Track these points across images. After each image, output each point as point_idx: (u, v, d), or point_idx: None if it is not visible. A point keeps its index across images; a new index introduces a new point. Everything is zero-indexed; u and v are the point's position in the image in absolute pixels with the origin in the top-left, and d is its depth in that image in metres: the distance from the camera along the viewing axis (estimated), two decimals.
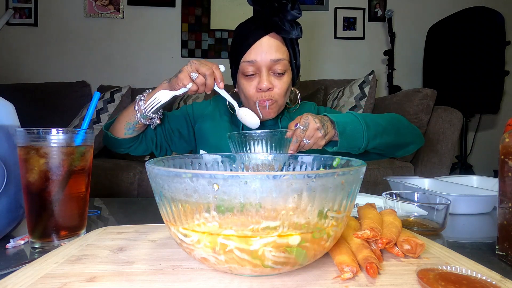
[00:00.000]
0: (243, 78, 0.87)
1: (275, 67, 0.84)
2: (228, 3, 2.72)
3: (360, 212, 0.47)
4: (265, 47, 0.82)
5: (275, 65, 0.83)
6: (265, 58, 0.82)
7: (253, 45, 0.83)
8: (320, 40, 2.80)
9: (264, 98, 0.84)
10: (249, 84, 0.85)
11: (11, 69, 2.63)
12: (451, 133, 1.77)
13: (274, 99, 0.85)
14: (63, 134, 0.47)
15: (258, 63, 0.83)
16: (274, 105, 0.86)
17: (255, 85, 0.85)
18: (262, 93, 0.84)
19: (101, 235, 0.47)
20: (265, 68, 0.83)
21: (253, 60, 0.83)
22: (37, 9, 2.65)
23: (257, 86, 0.84)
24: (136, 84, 2.53)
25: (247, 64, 0.84)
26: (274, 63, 0.83)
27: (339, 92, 2.07)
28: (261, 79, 0.83)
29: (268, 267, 0.31)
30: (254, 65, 0.83)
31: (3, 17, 2.40)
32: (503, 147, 0.44)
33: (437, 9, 2.73)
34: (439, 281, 0.30)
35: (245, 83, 0.86)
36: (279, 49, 0.83)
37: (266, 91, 0.84)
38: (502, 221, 0.44)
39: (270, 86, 0.83)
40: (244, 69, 0.85)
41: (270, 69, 0.84)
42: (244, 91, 0.87)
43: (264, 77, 0.83)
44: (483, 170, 2.69)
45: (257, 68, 0.84)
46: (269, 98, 0.84)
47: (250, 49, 0.83)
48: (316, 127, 0.73)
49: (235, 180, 0.28)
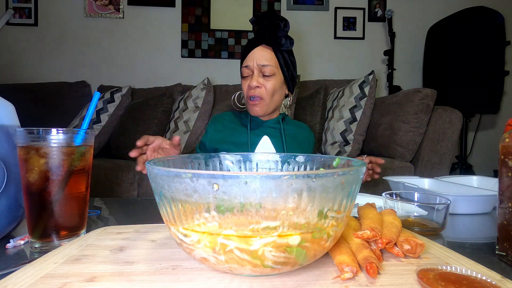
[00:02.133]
0: (242, 79, 1.10)
1: (263, 70, 1.05)
2: (228, 3, 2.72)
3: (360, 212, 0.47)
4: (257, 55, 1.06)
5: (263, 68, 1.05)
6: (256, 63, 1.05)
7: (249, 53, 1.07)
8: (320, 40, 2.80)
9: (253, 94, 1.06)
10: (244, 83, 1.09)
11: (11, 69, 2.63)
12: (451, 133, 1.77)
13: (261, 96, 1.06)
14: (63, 134, 0.47)
15: (250, 67, 1.06)
16: (261, 103, 1.07)
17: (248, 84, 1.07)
18: (252, 90, 1.06)
19: (101, 235, 0.47)
20: (256, 70, 1.06)
21: (247, 65, 1.07)
22: (37, 9, 2.65)
23: (248, 84, 1.06)
24: (136, 84, 2.54)
25: (244, 68, 1.08)
26: (262, 67, 1.05)
27: (339, 92, 2.07)
28: (251, 79, 1.06)
29: (268, 267, 0.31)
30: (248, 69, 1.07)
31: (3, 17, 2.40)
32: (503, 147, 0.44)
33: (437, 9, 2.73)
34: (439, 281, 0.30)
35: (243, 82, 1.10)
36: (270, 58, 1.06)
37: (255, 88, 1.05)
38: (502, 221, 0.44)
39: (258, 85, 1.05)
40: (242, 72, 1.09)
41: (260, 71, 1.06)
42: (243, 90, 1.11)
43: (254, 77, 1.06)
44: (483, 170, 2.69)
45: (251, 71, 1.07)
46: (258, 95, 1.06)
47: (247, 57, 1.07)
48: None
49: (235, 180, 0.28)
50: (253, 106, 1.07)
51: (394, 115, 1.83)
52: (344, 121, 1.93)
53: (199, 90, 2.18)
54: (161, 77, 2.68)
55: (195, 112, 2.13)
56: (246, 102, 1.09)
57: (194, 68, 2.73)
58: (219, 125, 1.15)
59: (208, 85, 2.21)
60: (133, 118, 2.13)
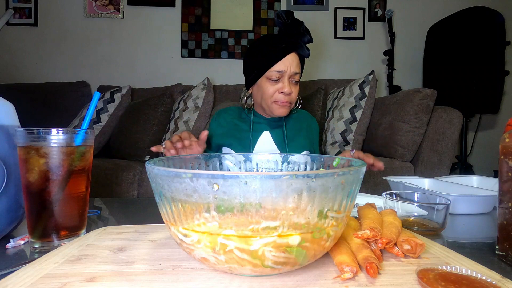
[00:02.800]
0: (267, 82, 1.10)
1: (293, 77, 1.09)
2: (228, 3, 2.72)
3: (360, 212, 0.47)
4: (291, 61, 1.07)
5: (295, 76, 1.09)
6: (290, 69, 1.08)
7: (283, 58, 1.07)
8: (320, 40, 2.80)
9: (285, 100, 1.09)
10: (272, 86, 1.09)
11: (11, 69, 2.63)
12: (451, 133, 1.77)
13: (290, 101, 1.11)
14: (63, 134, 0.47)
15: (284, 73, 1.07)
16: (289, 106, 1.12)
17: (277, 88, 1.08)
18: (283, 95, 1.08)
19: (101, 235, 0.47)
20: (287, 76, 1.08)
21: (282, 70, 1.07)
22: (37, 9, 2.65)
23: (280, 90, 1.08)
24: (136, 84, 2.53)
25: (276, 72, 1.07)
26: (294, 74, 1.09)
27: (339, 92, 2.07)
28: (284, 85, 1.08)
29: (268, 267, 0.31)
30: (280, 74, 1.07)
31: (3, 17, 2.40)
32: (503, 147, 0.44)
33: (437, 9, 2.73)
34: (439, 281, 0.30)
35: (269, 86, 1.09)
36: (298, 65, 1.10)
37: (287, 95, 1.08)
38: (502, 221, 0.44)
39: (291, 91, 1.08)
40: (272, 76, 1.08)
41: (289, 78, 1.08)
42: (266, 91, 1.10)
43: (287, 84, 1.08)
44: (483, 170, 2.69)
45: (282, 75, 1.08)
46: (288, 101, 1.10)
47: (280, 62, 1.07)
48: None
49: (235, 180, 0.28)
50: (281, 108, 1.10)
51: (394, 115, 1.83)
52: (344, 121, 1.93)
53: (199, 90, 2.18)
54: (161, 77, 2.68)
55: (195, 112, 2.13)
56: (270, 104, 1.11)
57: (194, 68, 2.73)
58: (222, 120, 1.18)
59: (208, 85, 2.21)
60: (133, 118, 2.13)
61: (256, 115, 1.18)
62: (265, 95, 1.10)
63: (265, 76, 1.09)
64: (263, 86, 1.10)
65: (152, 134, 2.07)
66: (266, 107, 1.12)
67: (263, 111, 1.17)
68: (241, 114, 1.21)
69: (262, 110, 1.16)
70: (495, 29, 2.29)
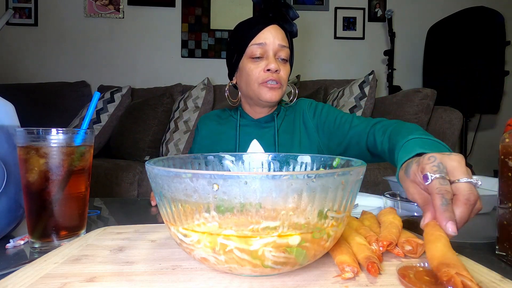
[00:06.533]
0: (250, 62, 0.92)
1: (280, 53, 0.91)
2: (228, 3, 2.72)
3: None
4: (274, 32, 0.90)
5: (281, 50, 0.91)
6: (274, 41, 0.90)
7: (263, 29, 0.90)
8: (320, 40, 2.80)
9: (273, 77, 0.89)
10: (256, 66, 0.91)
11: (11, 69, 2.63)
12: (451, 133, 1.77)
13: (279, 81, 0.91)
14: (63, 134, 0.47)
15: (267, 46, 0.90)
16: (279, 89, 0.92)
17: (262, 66, 0.90)
18: (270, 74, 0.89)
19: (101, 235, 0.47)
20: (272, 51, 0.90)
21: (262, 42, 0.89)
22: (37, 9, 2.65)
23: (265, 67, 0.89)
24: (136, 84, 2.53)
25: (257, 46, 0.90)
26: (280, 48, 0.90)
27: (339, 92, 2.07)
28: (269, 60, 0.89)
29: (268, 267, 0.30)
30: (263, 48, 0.90)
31: (3, 17, 2.40)
32: (503, 147, 0.44)
33: (437, 9, 2.73)
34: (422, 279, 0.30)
35: (252, 66, 0.91)
36: (284, 38, 0.92)
37: (274, 72, 0.89)
38: (502, 221, 0.44)
39: (278, 68, 0.89)
40: (253, 52, 0.90)
41: (275, 54, 0.91)
42: (251, 73, 0.91)
43: (273, 59, 0.89)
44: (483, 170, 2.69)
45: (265, 51, 0.90)
46: (276, 79, 0.90)
47: (260, 33, 0.90)
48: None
49: (235, 180, 0.28)
50: (270, 90, 0.90)
51: (394, 115, 1.83)
52: None
53: (199, 90, 2.18)
54: (161, 77, 2.68)
55: (195, 112, 2.13)
56: (257, 87, 0.91)
57: (194, 68, 2.73)
58: (205, 130, 1.04)
59: (208, 85, 2.21)
60: (133, 118, 2.13)
61: (243, 115, 1.01)
62: (250, 77, 0.91)
63: (247, 56, 0.92)
64: (246, 68, 0.92)
65: (152, 134, 2.07)
66: (253, 94, 0.92)
67: (251, 108, 0.99)
68: (227, 118, 1.04)
69: (250, 104, 0.99)
70: (495, 29, 2.29)
